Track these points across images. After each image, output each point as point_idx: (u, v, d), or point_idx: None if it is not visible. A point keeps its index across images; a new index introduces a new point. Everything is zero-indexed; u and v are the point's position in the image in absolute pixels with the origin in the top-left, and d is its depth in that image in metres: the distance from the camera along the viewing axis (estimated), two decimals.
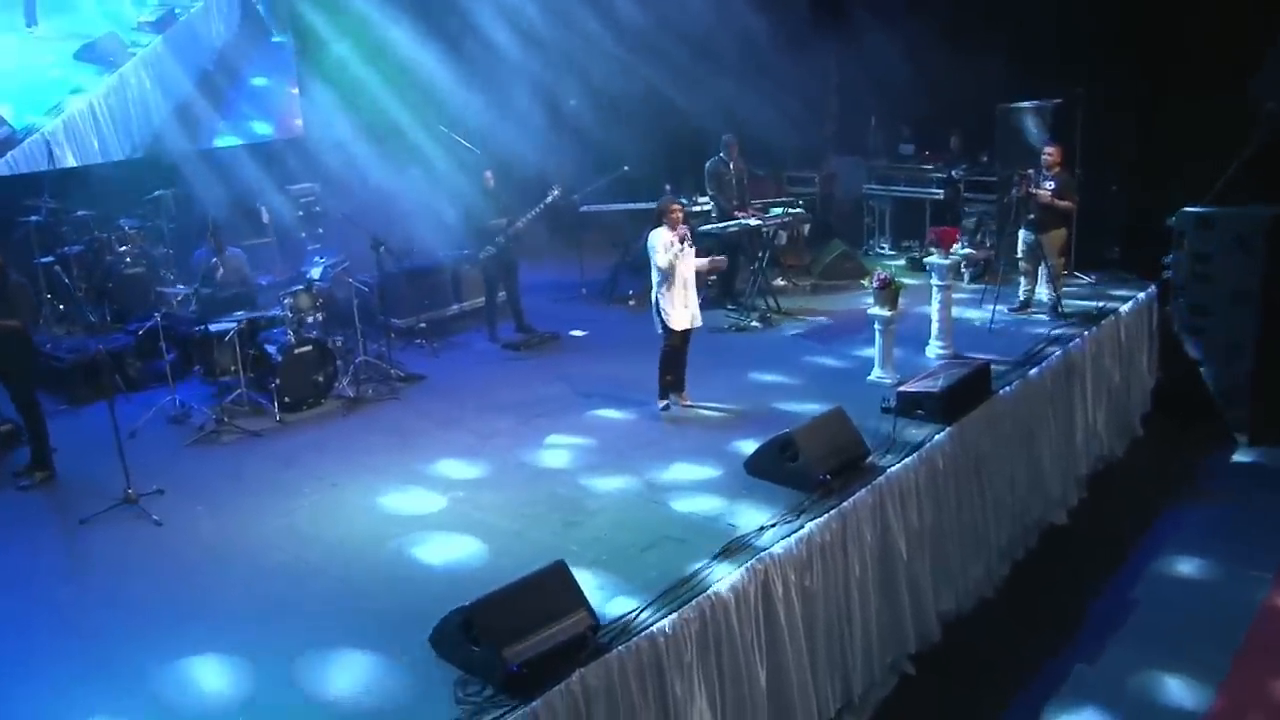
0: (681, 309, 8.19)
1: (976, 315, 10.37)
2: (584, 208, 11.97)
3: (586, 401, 8.44)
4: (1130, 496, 9.63)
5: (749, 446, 7.17)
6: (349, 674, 5.13)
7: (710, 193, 11.15)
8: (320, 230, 11.67)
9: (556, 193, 10.53)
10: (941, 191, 12.56)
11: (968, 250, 11.15)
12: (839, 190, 14.22)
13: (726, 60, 12.19)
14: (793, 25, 12.61)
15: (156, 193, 11.13)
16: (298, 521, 6.76)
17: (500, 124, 12.24)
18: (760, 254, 11.18)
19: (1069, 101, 11.02)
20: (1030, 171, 10.20)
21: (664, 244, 8.08)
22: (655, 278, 8.21)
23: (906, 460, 7.16)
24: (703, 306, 10.86)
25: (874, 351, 8.85)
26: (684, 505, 6.55)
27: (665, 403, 8.33)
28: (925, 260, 9.43)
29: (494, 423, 8.29)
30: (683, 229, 8.09)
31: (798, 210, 12.16)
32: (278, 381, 8.70)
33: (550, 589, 5.15)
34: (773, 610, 6.02)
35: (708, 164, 11.23)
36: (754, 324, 10.68)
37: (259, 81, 13.27)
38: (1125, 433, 10.51)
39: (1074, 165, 10.76)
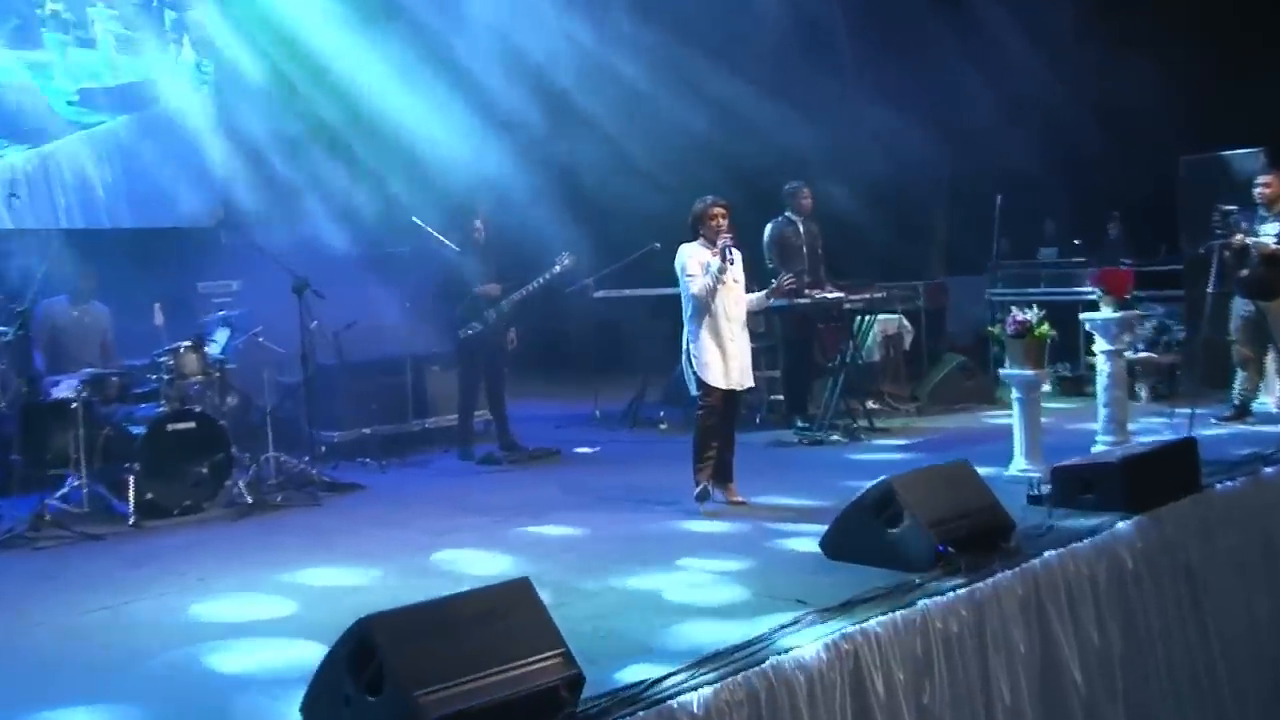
0: (724, 357, 7.72)
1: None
2: (599, 294, 11.62)
3: (589, 503, 8.23)
4: None
5: None
6: None
7: (770, 265, 10.64)
8: (239, 343, 11.24)
9: (567, 262, 10.22)
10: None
11: (1144, 354, 10.50)
12: (950, 311, 13.80)
13: (793, 114, 11.99)
14: (888, 79, 12.47)
15: None
16: (130, 614, 6.11)
17: (498, 183, 12.09)
18: (844, 346, 10.64)
19: None
20: (1236, 208, 9.57)
21: (699, 262, 7.67)
22: (686, 311, 7.80)
23: (1076, 546, 6.45)
24: (762, 425, 10.76)
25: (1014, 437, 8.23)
26: (727, 588, 6.09)
27: (703, 486, 7.74)
28: (1084, 317, 8.81)
29: (455, 520, 7.91)
30: (725, 239, 7.64)
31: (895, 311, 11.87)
32: (137, 467, 8.01)
33: (506, 616, 4.35)
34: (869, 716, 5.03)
35: (768, 227, 10.81)
36: (835, 438, 10.18)
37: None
38: None
39: None
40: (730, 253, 7.60)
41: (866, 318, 11.18)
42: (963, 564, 5.91)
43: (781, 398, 11.26)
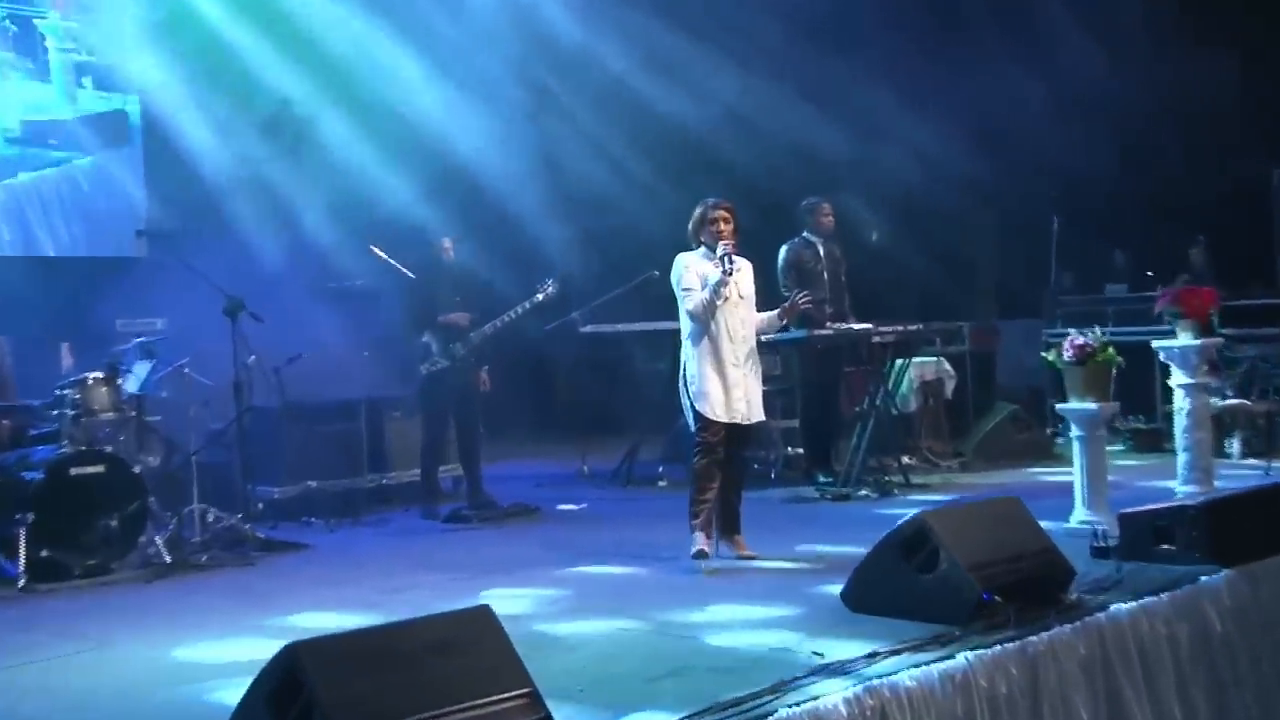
0: (725, 385, 7.70)
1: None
2: (588, 329, 11.65)
3: (572, 558, 8.34)
4: None
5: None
6: None
7: (786, 293, 10.53)
8: (163, 392, 11.26)
9: (550, 290, 10.28)
10: None
11: (1235, 401, 10.56)
12: (1001, 359, 13.80)
13: (811, 116, 12.06)
14: (924, 77, 12.53)
15: None
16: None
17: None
18: (872, 389, 10.64)
19: None
20: None
21: (696, 274, 7.71)
22: (683, 333, 7.86)
23: (1147, 603, 6.39)
24: (778, 482, 10.90)
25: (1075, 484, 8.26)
26: (729, 639, 6.18)
27: (702, 544, 7.70)
28: (1158, 345, 8.90)
29: (414, 578, 7.96)
30: (725, 246, 7.65)
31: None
32: (30, 519, 7.93)
33: (463, 649, 4.41)
34: None
35: (783, 250, 10.85)
36: (864, 493, 10.21)
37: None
38: None
39: None
40: (730, 261, 7.57)
41: (900, 360, 11.13)
42: (1011, 616, 5.84)
43: (800, 451, 11.24)
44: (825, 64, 12.15)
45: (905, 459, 11.20)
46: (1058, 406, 8.40)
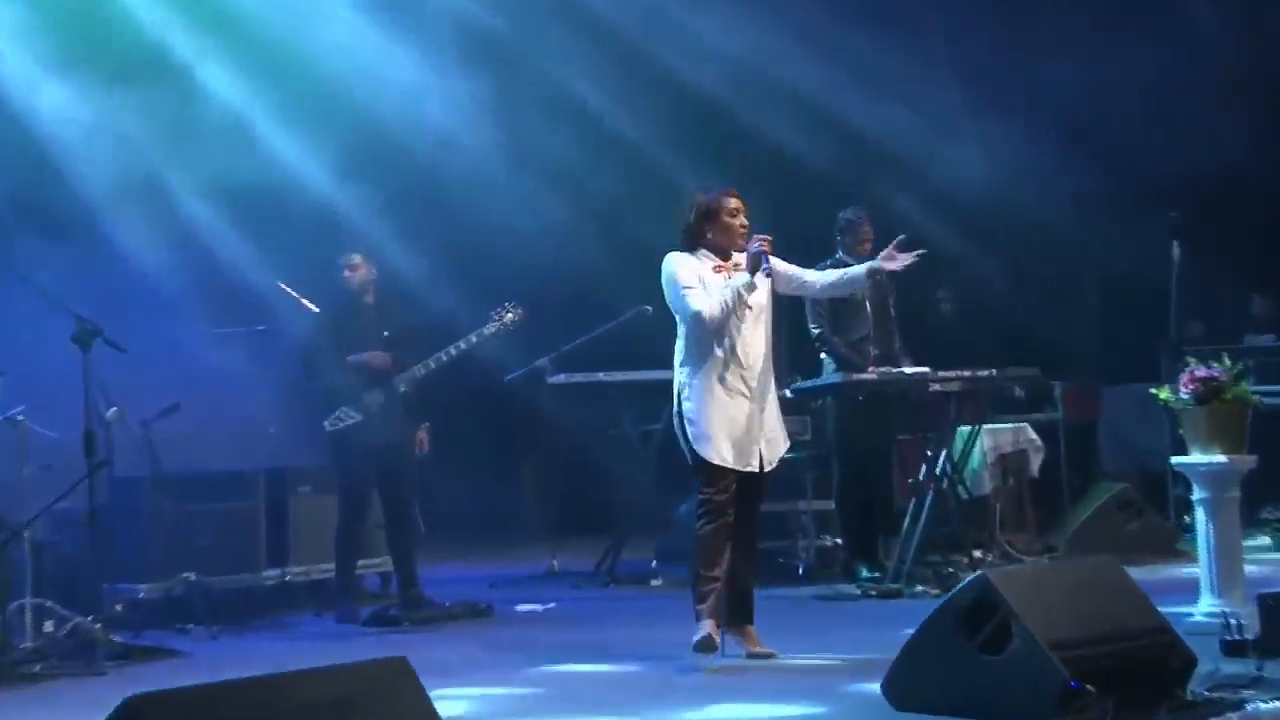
0: (736, 422, 7.72)
1: None
2: (558, 379, 11.71)
3: (540, 659, 8.53)
4: None
5: None
6: None
7: (815, 328, 10.77)
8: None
9: (509, 318, 10.37)
10: None
11: None
12: (1105, 433, 13.90)
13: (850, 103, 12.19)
14: (997, 54, 12.64)
15: None
16: None
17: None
18: (932, 453, 10.67)
19: None
20: None
21: (696, 275, 7.77)
22: (679, 354, 7.89)
23: None
24: (806, 578, 11.11)
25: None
26: None
27: (709, 631, 7.70)
28: None
29: None
30: (759, 242, 7.69)
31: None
32: None
33: (369, 708, 4.58)
34: None
35: None
36: (920, 589, 10.20)
37: None
38: None
39: None
40: (765, 260, 7.63)
41: (968, 427, 11.15)
42: (1109, 711, 5.81)
43: (838, 541, 11.31)
44: (873, 31, 12.29)
45: (977, 553, 11.13)
46: (1174, 460, 8.35)
